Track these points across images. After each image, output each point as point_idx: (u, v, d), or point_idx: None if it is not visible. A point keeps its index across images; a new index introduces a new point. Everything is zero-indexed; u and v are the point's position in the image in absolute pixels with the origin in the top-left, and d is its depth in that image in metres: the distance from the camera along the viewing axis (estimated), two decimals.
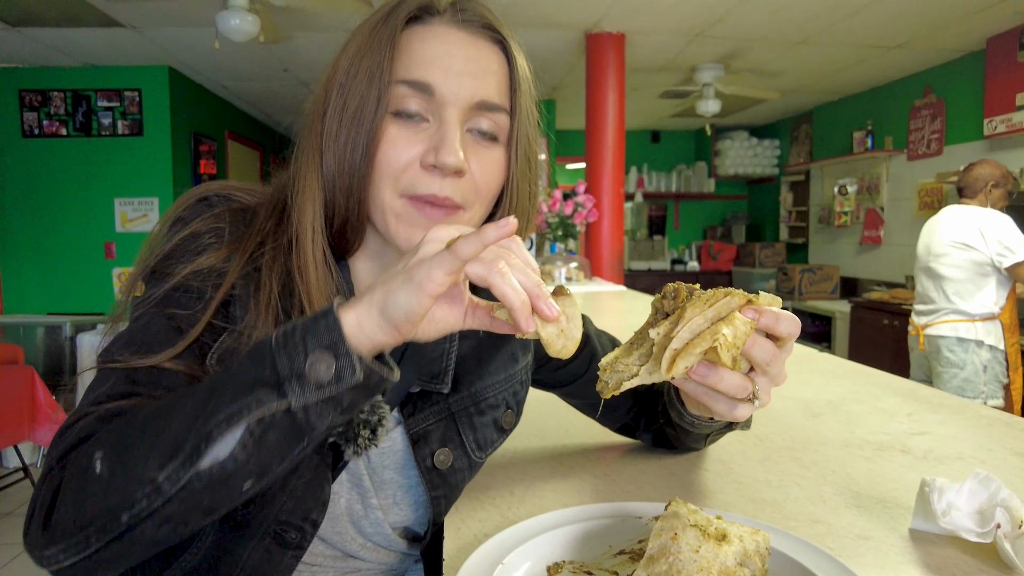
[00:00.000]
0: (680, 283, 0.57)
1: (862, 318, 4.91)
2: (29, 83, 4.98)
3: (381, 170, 0.63)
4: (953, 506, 0.65)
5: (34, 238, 5.07)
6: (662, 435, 0.89)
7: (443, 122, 0.63)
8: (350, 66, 0.64)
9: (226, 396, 0.47)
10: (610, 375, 0.58)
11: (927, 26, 4.18)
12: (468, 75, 0.63)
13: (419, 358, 0.72)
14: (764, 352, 0.55)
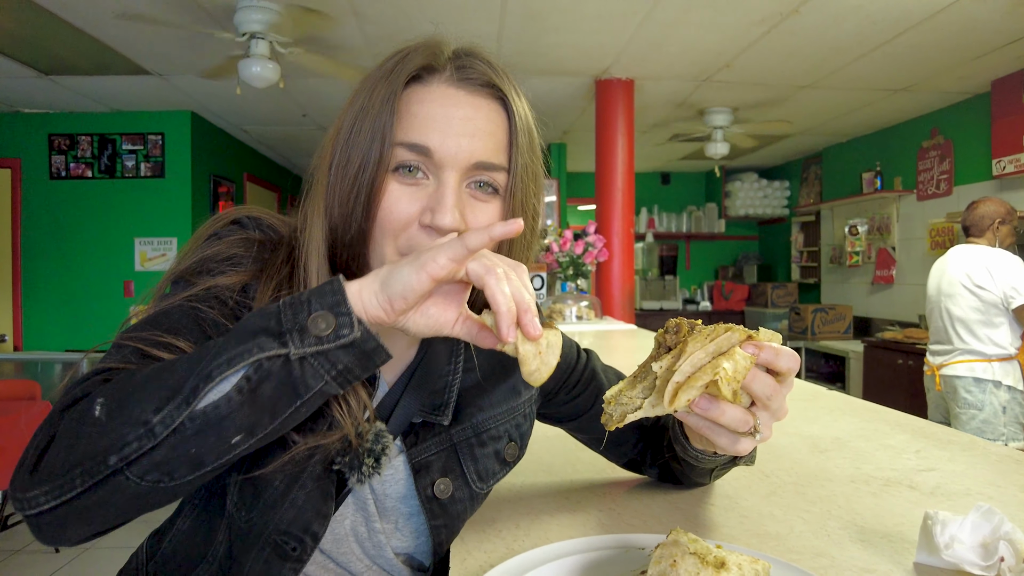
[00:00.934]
0: (682, 318, 0.59)
1: (876, 358, 4.87)
2: (59, 128, 5.16)
3: (383, 226, 0.65)
4: (956, 539, 0.66)
5: (56, 276, 5.18)
6: (668, 470, 0.90)
7: (441, 183, 0.64)
8: (353, 124, 0.66)
9: (230, 343, 0.50)
10: (614, 407, 0.59)
11: (931, 70, 4.25)
12: (466, 136, 0.65)
13: (422, 389, 0.74)
14: (764, 387, 0.57)
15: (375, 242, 0.66)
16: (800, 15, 3.41)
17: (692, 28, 3.62)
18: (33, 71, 4.18)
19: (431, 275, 0.50)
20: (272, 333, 0.50)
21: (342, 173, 0.65)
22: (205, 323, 0.63)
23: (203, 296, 0.65)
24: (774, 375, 0.58)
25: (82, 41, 3.68)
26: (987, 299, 3.00)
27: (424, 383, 0.74)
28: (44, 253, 5.18)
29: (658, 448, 0.90)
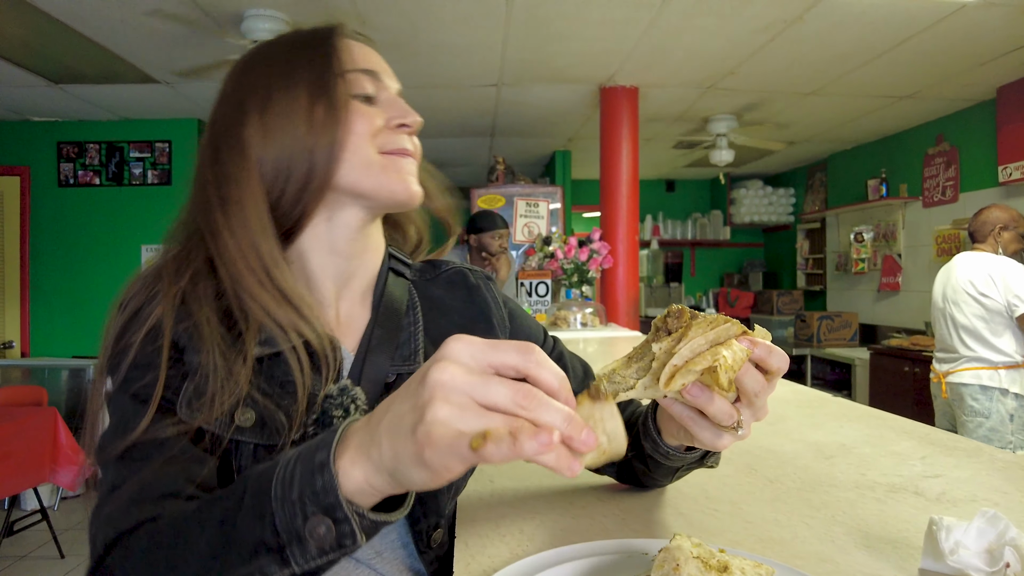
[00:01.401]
0: (684, 306, 0.59)
1: (882, 365, 4.85)
2: (67, 135, 5.21)
3: (361, 135, 0.73)
4: (961, 545, 0.65)
5: (63, 283, 5.21)
6: (628, 469, 0.88)
7: (394, 98, 0.77)
8: (285, 70, 0.73)
9: (231, 560, 0.47)
10: (607, 385, 0.59)
11: (936, 77, 4.25)
12: (389, 71, 0.80)
13: (386, 344, 0.76)
14: (754, 382, 0.57)
15: (351, 151, 0.72)
16: (804, 22, 3.42)
17: (696, 35, 3.63)
18: (43, 80, 4.22)
19: (447, 480, 0.42)
20: (271, 548, 0.46)
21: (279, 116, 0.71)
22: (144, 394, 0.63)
23: (131, 377, 0.64)
24: (763, 373, 0.58)
25: (91, 50, 3.72)
26: (991, 307, 2.99)
27: (387, 338, 0.76)
28: (52, 260, 5.21)
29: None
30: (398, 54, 3.83)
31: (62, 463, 3.12)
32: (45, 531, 3.28)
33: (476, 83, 4.42)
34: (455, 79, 4.33)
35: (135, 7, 3.17)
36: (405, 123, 0.76)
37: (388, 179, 0.74)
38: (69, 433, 3.23)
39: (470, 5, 3.24)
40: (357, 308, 0.79)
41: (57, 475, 3.13)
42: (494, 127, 5.68)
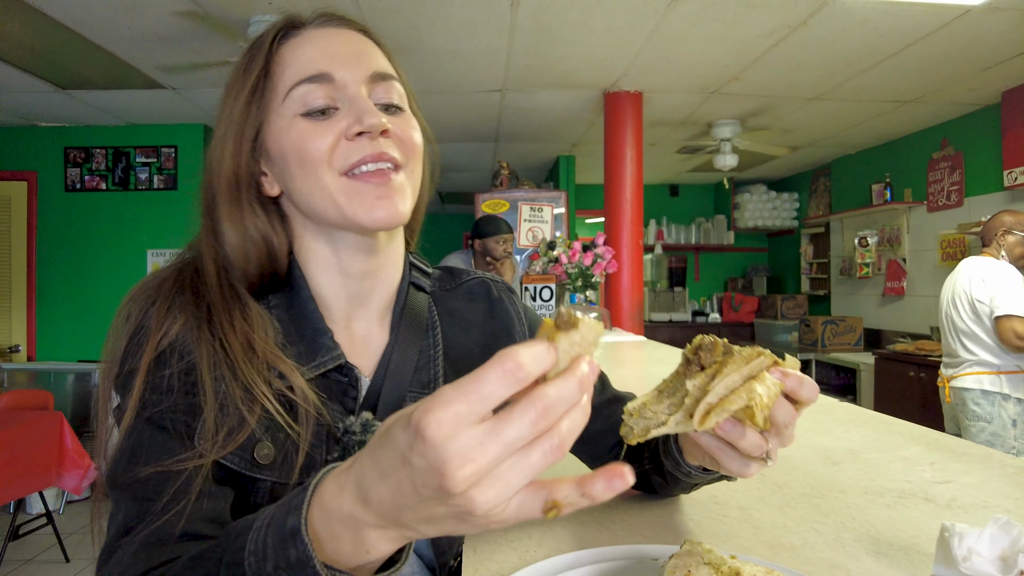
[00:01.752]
0: (716, 338, 0.58)
1: (887, 370, 4.83)
2: (74, 141, 5.23)
3: (312, 161, 0.65)
4: (974, 551, 0.65)
5: (69, 287, 5.23)
6: (644, 480, 0.86)
7: (353, 98, 0.66)
8: (232, 98, 0.69)
9: None
10: (637, 420, 0.58)
11: (940, 81, 4.25)
12: (354, 55, 0.68)
13: (404, 369, 0.72)
14: (786, 415, 0.56)
15: (310, 181, 0.66)
16: (808, 28, 3.42)
17: (700, 41, 3.63)
18: (51, 85, 4.24)
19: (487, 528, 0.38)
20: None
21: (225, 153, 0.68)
22: (163, 420, 0.61)
23: (147, 397, 0.61)
24: (792, 403, 0.57)
25: (98, 56, 3.74)
26: (982, 311, 3.00)
27: (404, 363, 0.72)
28: (58, 264, 5.23)
29: (636, 456, 0.86)
30: (403, 59, 3.82)
31: (67, 467, 3.13)
32: (50, 535, 3.28)
33: (481, 88, 4.43)
34: (460, 84, 4.34)
35: (142, 14, 3.19)
36: (361, 130, 0.65)
37: (353, 207, 0.65)
38: (75, 437, 3.23)
39: (475, 11, 3.25)
40: (375, 328, 0.74)
41: (62, 479, 3.13)
42: (498, 132, 5.69)
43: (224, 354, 0.62)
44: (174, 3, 3.08)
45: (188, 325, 0.63)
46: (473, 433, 0.34)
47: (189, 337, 0.63)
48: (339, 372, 0.68)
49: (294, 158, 0.65)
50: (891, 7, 3.17)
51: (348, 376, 0.69)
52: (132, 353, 0.63)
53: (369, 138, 0.65)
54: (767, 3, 3.16)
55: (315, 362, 0.66)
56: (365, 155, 0.65)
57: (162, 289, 0.66)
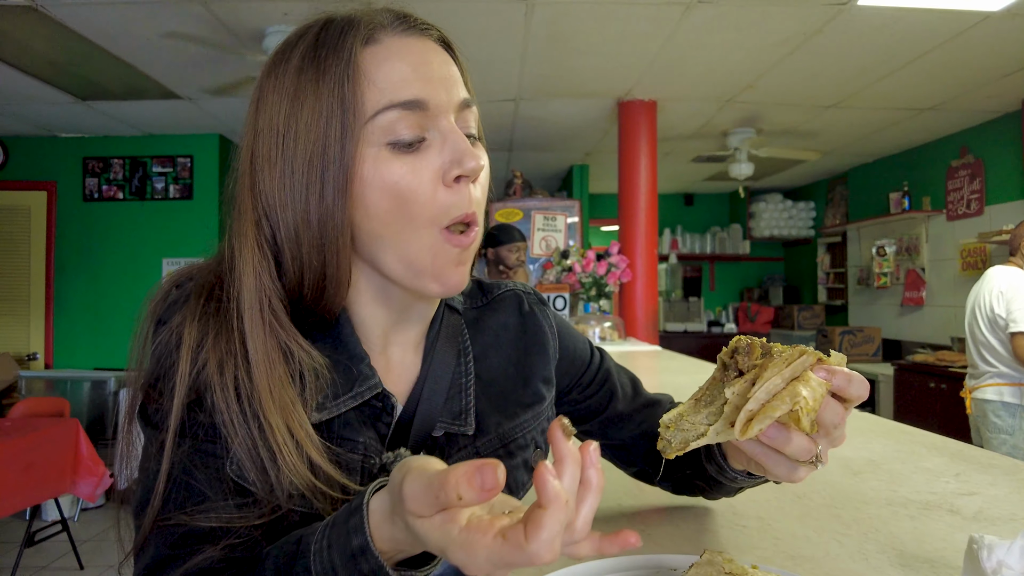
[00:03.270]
0: (753, 339, 0.55)
1: (907, 381, 4.75)
2: (93, 151, 5.31)
3: (416, 211, 0.58)
4: (1004, 565, 0.63)
5: (86, 296, 5.30)
6: (686, 484, 0.83)
7: (446, 132, 0.59)
8: (292, 109, 0.58)
9: None
10: (674, 433, 0.55)
11: (959, 88, 4.20)
12: (446, 79, 0.60)
13: (436, 398, 0.70)
14: (834, 415, 0.53)
15: (383, 237, 0.58)
16: (824, 35, 3.40)
17: (715, 49, 3.62)
18: (71, 97, 4.31)
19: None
20: None
21: (288, 171, 0.57)
22: (195, 466, 0.57)
23: (188, 427, 0.57)
24: (840, 401, 0.54)
25: (117, 67, 3.79)
26: (999, 323, 2.96)
27: (436, 391, 0.70)
28: (76, 273, 5.30)
29: (675, 463, 0.82)
30: None
31: (83, 474, 3.14)
32: (65, 542, 3.30)
33: (495, 98, 4.44)
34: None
35: (159, 25, 3.24)
36: (462, 174, 0.58)
37: (431, 274, 0.60)
38: (90, 444, 3.25)
39: (489, 20, 3.26)
40: (410, 355, 0.71)
41: (77, 486, 3.15)
42: (512, 141, 5.70)
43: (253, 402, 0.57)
44: (191, 14, 3.12)
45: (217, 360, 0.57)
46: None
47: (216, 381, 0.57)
48: (376, 399, 0.66)
49: (386, 198, 0.57)
50: (908, 13, 3.14)
51: (384, 403, 0.67)
52: (164, 381, 0.58)
53: (467, 182, 0.59)
54: (782, 10, 3.14)
55: (353, 392, 0.63)
56: (463, 213, 0.59)
57: (191, 309, 0.59)
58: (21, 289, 5.28)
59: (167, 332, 0.58)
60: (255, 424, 0.56)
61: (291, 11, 3.14)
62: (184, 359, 0.56)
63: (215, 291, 0.60)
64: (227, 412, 0.56)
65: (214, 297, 0.60)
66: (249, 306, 0.58)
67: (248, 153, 0.60)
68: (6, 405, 4.26)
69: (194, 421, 0.57)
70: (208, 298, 0.60)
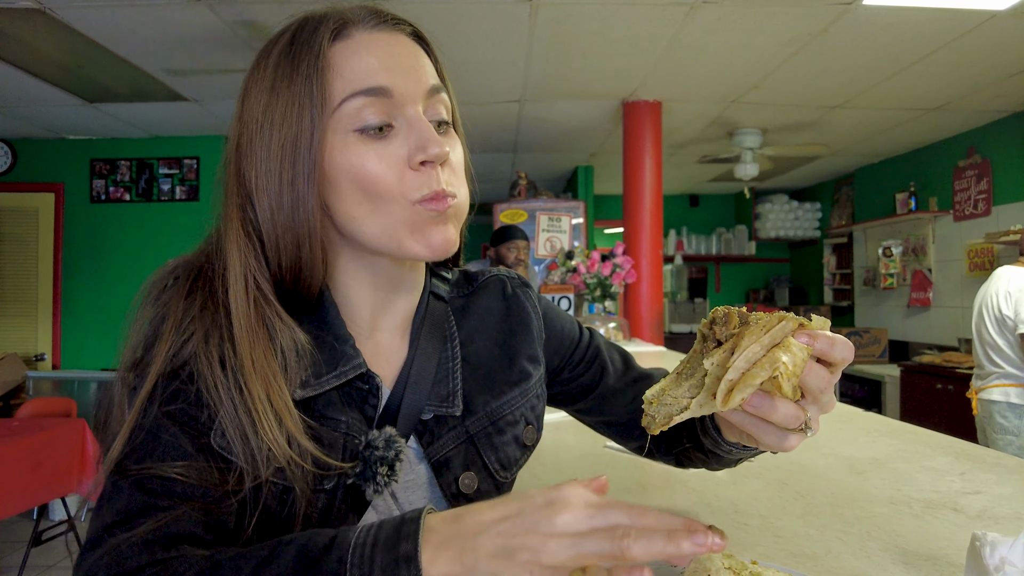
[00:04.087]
0: (731, 308, 0.54)
1: (913, 382, 4.73)
2: (100, 153, 5.34)
3: (382, 190, 0.61)
4: (1007, 562, 0.62)
5: (93, 297, 5.32)
6: (687, 457, 0.83)
7: (411, 120, 0.62)
8: (268, 99, 0.62)
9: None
10: (657, 408, 0.55)
11: (966, 88, 4.18)
12: (413, 69, 0.64)
13: (423, 382, 0.71)
14: (819, 379, 0.53)
15: (356, 216, 0.62)
16: (829, 35, 3.39)
17: (719, 49, 3.62)
18: (78, 99, 4.34)
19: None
20: None
21: (266, 158, 0.61)
22: (180, 422, 0.58)
23: (164, 394, 0.59)
24: (826, 365, 0.54)
25: (125, 69, 3.82)
26: (1007, 324, 2.95)
27: (423, 375, 0.71)
28: (83, 274, 5.33)
29: (674, 434, 0.82)
30: None
31: (89, 474, 3.16)
32: (72, 542, 3.31)
33: (499, 99, 4.45)
34: (478, 95, 4.36)
35: (167, 27, 3.26)
36: (426, 159, 0.62)
37: (411, 240, 0.63)
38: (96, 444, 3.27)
39: (493, 22, 3.26)
40: (397, 339, 0.74)
41: (84, 486, 3.16)
42: (516, 143, 5.70)
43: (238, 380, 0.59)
44: (198, 17, 3.14)
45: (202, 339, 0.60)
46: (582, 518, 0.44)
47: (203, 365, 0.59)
48: (361, 380, 0.68)
49: (354, 182, 0.61)
50: (913, 13, 3.13)
51: (369, 384, 0.68)
52: (156, 339, 0.61)
53: (432, 169, 0.62)
54: (787, 11, 3.13)
55: (336, 371, 0.65)
56: (430, 192, 0.62)
57: (179, 288, 0.63)
58: (29, 290, 5.31)
59: (155, 308, 0.62)
60: (237, 392, 0.57)
61: (296, 13, 3.15)
62: (169, 331, 0.59)
63: (204, 270, 0.64)
64: (211, 378, 0.58)
65: (203, 275, 0.63)
66: (234, 282, 0.61)
67: (234, 142, 0.65)
68: (14, 405, 4.28)
69: (180, 390, 0.59)
70: (196, 278, 0.63)
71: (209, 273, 0.64)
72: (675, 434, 0.81)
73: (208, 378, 0.58)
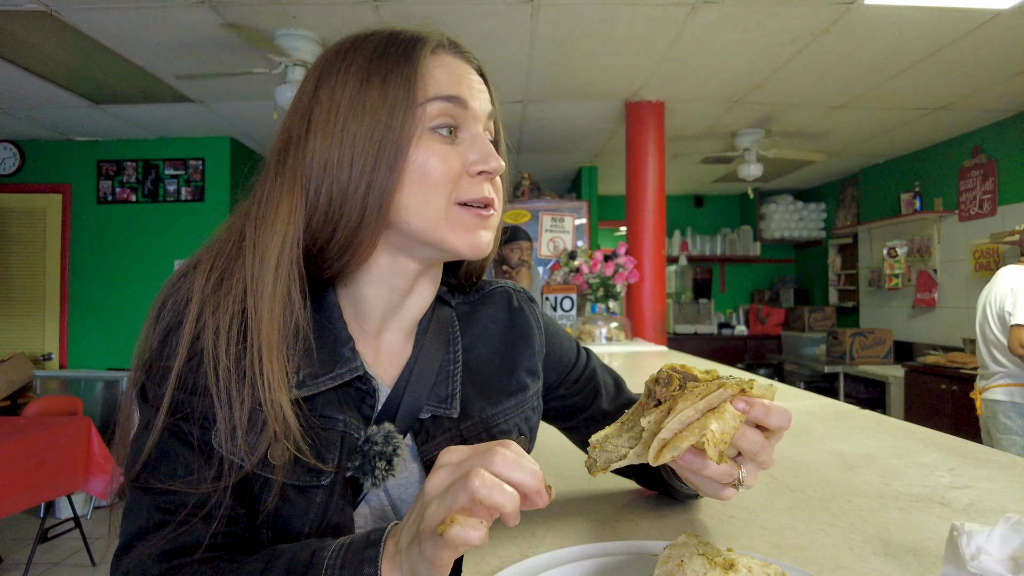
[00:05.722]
0: (673, 371, 0.59)
1: (918, 383, 4.71)
2: (107, 154, 5.39)
3: (437, 183, 0.66)
4: (983, 551, 0.63)
5: (100, 297, 5.37)
6: (653, 481, 0.88)
7: (476, 134, 0.70)
8: (357, 89, 0.66)
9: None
10: (599, 453, 0.60)
11: (970, 87, 4.17)
12: (480, 92, 0.71)
13: (424, 383, 0.74)
14: (752, 444, 0.58)
15: (419, 197, 0.66)
16: (831, 34, 3.39)
17: (722, 49, 3.62)
18: (86, 101, 4.38)
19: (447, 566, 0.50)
20: None
21: (341, 139, 0.65)
22: (190, 436, 0.62)
23: (178, 405, 0.62)
24: (763, 429, 0.58)
25: (131, 71, 3.85)
26: (1008, 321, 2.94)
27: (425, 376, 0.74)
28: (90, 274, 5.38)
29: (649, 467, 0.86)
30: None
31: (94, 472, 3.19)
32: (78, 539, 3.34)
33: (502, 100, 4.39)
34: None
35: (172, 30, 3.29)
36: (485, 170, 0.68)
37: (455, 235, 0.68)
38: (102, 443, 3.30)
39: (496, 23, 3.28)
40: (402, 340, 0.76)
41: (89, 483, 3.19)
42: (520, 143, 5.72)
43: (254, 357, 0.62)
44: (203, 19, 3.17)
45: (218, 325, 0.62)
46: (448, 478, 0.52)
47: (217, 339, 0.62)
48: (359, 381, 0.70)
49: (417, 173, 0.66)
50: (916, 12, 3.13)
51: (366, 386, 0.70)
52: (163, 352, 0.63)
53: (487, 178, 0.69)
54: (788, 10, 3.14)
55: (333, 373, 0.67)
56: (480, 197, 0.68)
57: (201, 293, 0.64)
58: (36, 290, 5.36)
59: (182, 288, 0.65)
60: (243, 382, 0.61)
61: (300, 15, 3.18)
62: (192, 311, 0.62)
63: (233, 248, 0.66)
64: (224, 343, 0.61)
65: (226, 257, 0.66)
66: (274, 245, 0.63)
67: (304, 116, 0.67)
68: (21, 404, 4.33)
69: (182, 400, 0.62)
70: (218, 263, 0.65)
71: (233, 252, 0.66)
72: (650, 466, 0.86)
73: (217, 346, 0.61)
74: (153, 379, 0.63)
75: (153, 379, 0.63)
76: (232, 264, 0.65)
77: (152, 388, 0.63)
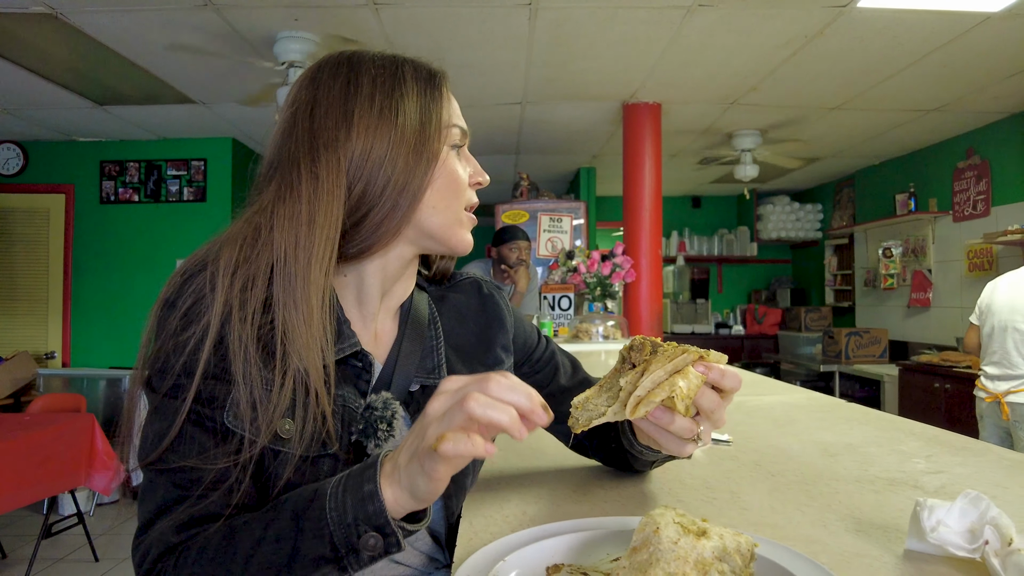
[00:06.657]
0: (646, 338, 0.68)
1: (912, 382, 4.76)
2: (110, 155, 5.44)
3: (456, 189, 0.80)
4: (943, 523, 0.67)
5: (102, 297, 5.41)
6: (613, 456, 0.98)
7: (469, 157, 0.85)
8: (398, 99, 0.76)
9: (295, 570, 0.58)
10: (581, 412, 0.68)
11: (963, 89, 4.21)
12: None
13: (412, 358, 0.82)
14: (710, 402, 0.66)
15: (446, 201, 0.79)
16: (825, 37, 3.43)
17: (718, 51, 3.67)
18: (89, 102, 4.43)
19: (442, 480, 0.56)
20: (330, 560, 0.58)
21: (385, 145, 0.73)
22: (203, 417, 0.66)
23: (182, 381, 0.66)
24: (719, 391, 0.67)
25: (134, 73, 3.90)
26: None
27: (412, 352, 0.82)
28: (92, 274, 5.42)
29: (605, 437, 0.98)
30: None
31: (97, 468, 3.23)
32: (81, 535, 3.38)
33: (501, 101, 4.51)
34: (480, 98, 4.43)
35: (175, 31, 3.33)
36: (480, 181, 0.84)
37: (460, 233, 0.81)
38: (105, 440, 3.34)
39: (494, 25, 3.33)
40: (389, 322, 0.85)
41: (92, 480, 3.23)
42: (519, 144, 5.77)
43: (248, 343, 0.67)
44: (205, 21, 3.21)
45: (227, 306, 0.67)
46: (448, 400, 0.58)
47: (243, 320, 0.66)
48: (356, 358, 0.78)
49: (447, 178, 0.78)
50: (908, 15, 3.17)
51: (363, 362, 0.78)
52: (174, 335, 0.68)
53: (477, 187, 0.85)
54: (782, 13, 3.19)
55: (337, 347, 0.74)
56: (475, 203, 0.84)
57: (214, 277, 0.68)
58: (40, 290, 5.40)
59: (201, 279, 0.68)
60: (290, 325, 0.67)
61: (301, 17, 3.22)
62: (221, 289, 0.67)
63: (257, 239, 0.70)
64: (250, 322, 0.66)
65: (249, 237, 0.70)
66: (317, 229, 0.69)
67: (340, 109, 0.74)
68: (24, 402, 4.37)
69: (200, 385, 0.67)
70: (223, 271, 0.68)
71: (253, 236, 0.70)
72: (605, 436, 0.97)
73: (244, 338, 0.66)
74: (166, 368, 0.67)
75: (166, 368, 0.67)
76: (258, 253, 0.69)
77: (163, 377, 0.67)
